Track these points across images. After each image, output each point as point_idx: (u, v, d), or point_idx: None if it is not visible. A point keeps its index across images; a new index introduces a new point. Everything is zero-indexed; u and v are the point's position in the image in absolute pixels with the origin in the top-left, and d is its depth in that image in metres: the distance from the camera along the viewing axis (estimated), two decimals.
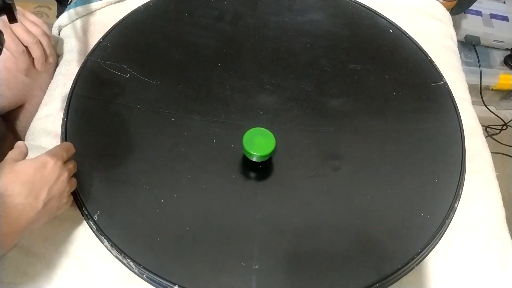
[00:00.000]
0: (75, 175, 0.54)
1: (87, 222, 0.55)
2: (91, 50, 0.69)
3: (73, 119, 0.61)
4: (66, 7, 0.80)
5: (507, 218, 0.63)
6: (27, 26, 0.63)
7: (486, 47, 1.28)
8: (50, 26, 0.78)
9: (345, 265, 0.53)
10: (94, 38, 0.73)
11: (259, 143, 0.55)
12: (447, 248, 0.59)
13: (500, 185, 0.66)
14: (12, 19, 0.45)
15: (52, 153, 0.50)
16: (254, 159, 0.56)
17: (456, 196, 0.59)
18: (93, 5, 0.78)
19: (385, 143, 0.63)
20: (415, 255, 0.54)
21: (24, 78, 0.67)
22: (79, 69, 0.66)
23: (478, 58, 1.23)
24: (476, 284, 0.57)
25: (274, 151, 0.55)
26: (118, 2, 0.79)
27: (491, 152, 0.70)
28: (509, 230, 0.62)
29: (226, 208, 0.56)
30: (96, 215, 0.54)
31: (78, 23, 0.76)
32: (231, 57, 0.71)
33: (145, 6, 0.76)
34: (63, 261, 0.54)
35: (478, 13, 1.27)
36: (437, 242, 0.56)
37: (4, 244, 0.43)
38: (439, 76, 0.71)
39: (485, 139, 0.71)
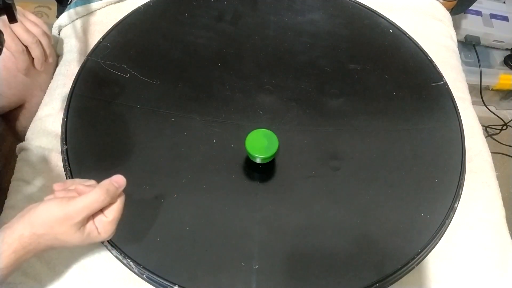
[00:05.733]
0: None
1: None
2: (91, 50, 0.69)
3: (73, 119, 0.61)
4: (66, 7, 0.80)
5: (507, 218, 0.63)
6: (27, 26, 0.63)
7: (486, 47, 1.28)
8: (50, 26, 0.78)
9: (345, 265, 0.53)
10: (94, 38, 0.74)
11: (262, 144, 0.55)
12: (447, 248, 0.59)
13: (500, 185, 0.66)
14: (12, 19, 0.45)
15: (80, 208, 0.42)
16: (257, 161, 0.56)
17: (456, 196, 0.59)
18: (93, 5, 0.78)
19: (385, 143, 0.63)
20: (415, 255, 0.54)
21: (24, 78, 0.67)
22: (79, 69, 0.66)
23: (478, 58, 1.23)
24: (476, 284, 0.57)
25: (277, 153, 0.55)
26: (118, 2, 0.79)
27: (491, 152, 0.70)
28: (509, 230, 0.62)
29: (226, 208, 0.56)
30: None
31: (78, 23, 0.77)
32: (231, 57, 0.71)
33: (145, 6, 0.76)
34: (63, 261, 0.54)
35: (478, 13, 1.27)
36: (437, 242, 0.56)
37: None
38: (439, 76, 0.71)
39: (485, 139, 0.71)
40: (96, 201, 0.42)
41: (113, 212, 0.44)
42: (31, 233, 0.41)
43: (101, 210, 0.44)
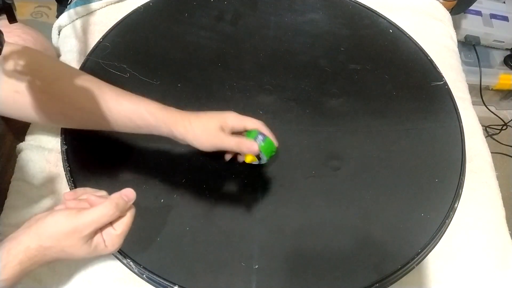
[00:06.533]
0: None
1: None
2: (91, 50, 0.69)
3: None
4: (66, 7, 0.80)
5: (507, 218, 0.63)
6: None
7: (486, 47, 1.28)
8: (50, 26, 0.78)
9: (345, 265, 0.53)
10: (94, 38, 0.73)
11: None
12: (447, 248, 0.59)
13: (500, 185, 0.66)
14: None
15: (88, 222, 0.41)
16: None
17: (456, 196, 0.59)
18: (93, 5, 0.78)
19: (385, 143, 0.63)
20: (415, 255, 0.54)
21: None
22: (79, 69, 0.66)
23: (478, 58, 1.23)
24: (476, 284, 0.57)
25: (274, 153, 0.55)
26: (118, 2, 0.79)
27: (491, 152, 0.70)
28: (509, 230, 0.62)
29: (226, 208, 0.56)
30: None
31: (78, 23, 0.77)
32: (231, 57, 0.71)
33: (145, 6, 0.76)
34: (63, 261, 0.54)
35: (478, 13, 1.27)
36: (437, 242, 0.56)
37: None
38: (439, 76, 0.71)
39: (485, 139, 0.71)
40: (105, 215, 0.42)
41: (122, 225, 0.44)
42: (37, 245, 0.41)
43: (110, 223, 0.43)
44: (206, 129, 0.52)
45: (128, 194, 0.44)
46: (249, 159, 0.55)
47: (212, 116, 0.53)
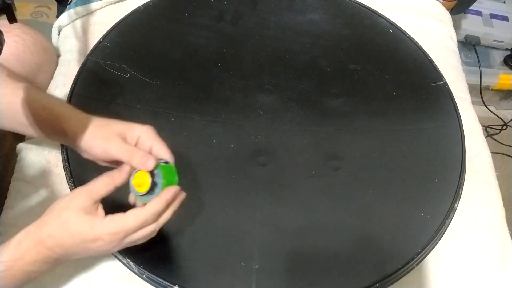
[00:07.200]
0: None
1: None
2: (91, 50, 0.69)
3: None
4: (66, 7, 0.80)
5: (507, 218, 0.63)
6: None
7: (486, 47, 1.28)
8: (50, 26, 0.79)
9: (345, 265, 0.53)
10: (94, 38, 0.73)
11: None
12: (447, 248, 0.59)
13: (500, 185, 0.66)
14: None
15: (118, 229, 0.42)
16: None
17: (456, 196, 0.59)
18: (93, 5, 0.78)
19: (385, 143, 0.63)
20: (415, 255, 0.54)
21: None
22: (79, 69, 0.66)
23: (478, 58, 1.23)
24: (476, 284, 0.57)
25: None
26: (118, 2, 0.79)
27: (491, 152, 0.70)
28: (509, 230, 0.62)
29: (226, 208, 0.56)
30: None
31: (78, 23, 0.77)
32: (231, 57, 0.71)
33: (145, 6, 0.76)
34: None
35: (478, 13, 1.27)
36: (437, 242, 0.56)
37: None
38: (439, 76, 0.71)
39: (485, 139, 0.71)
40: (100, 183, 0.44)
41: (160, 221, 0.46)
42: (37, 221, 0.43)
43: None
44: (105, 126, 0.48)
45: (122, 168, 0.45)
46: (138, 181, 0.44)
47: (119, 122, 0.49)
